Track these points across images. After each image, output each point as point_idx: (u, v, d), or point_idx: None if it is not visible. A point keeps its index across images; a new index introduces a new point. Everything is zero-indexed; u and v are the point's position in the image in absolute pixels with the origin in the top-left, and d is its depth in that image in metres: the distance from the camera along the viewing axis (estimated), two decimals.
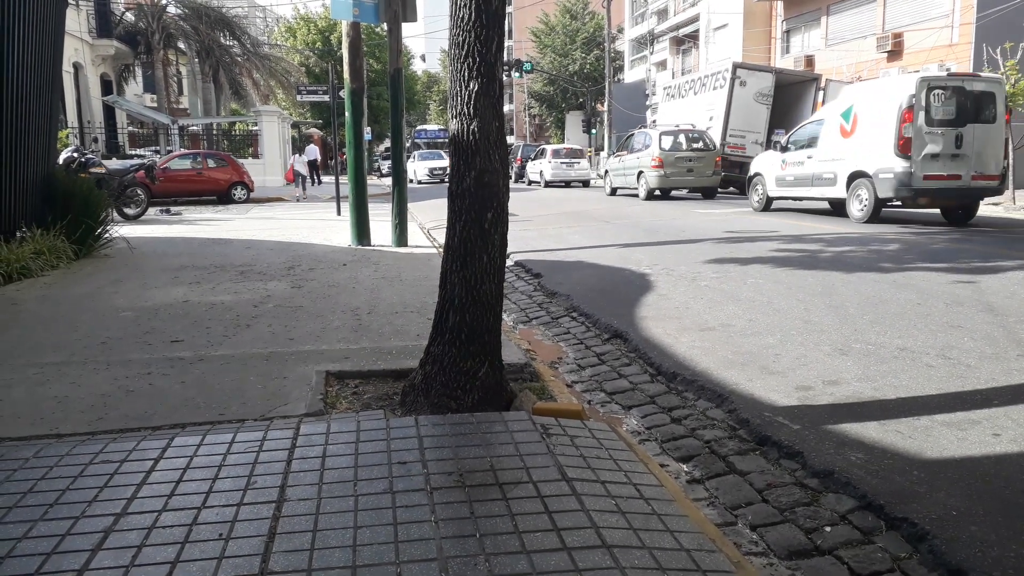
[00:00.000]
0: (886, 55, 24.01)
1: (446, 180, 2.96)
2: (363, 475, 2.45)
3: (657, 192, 18.91)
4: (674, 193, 19.93)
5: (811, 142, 13.16)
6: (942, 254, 8.05)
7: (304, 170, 23.62)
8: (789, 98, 20.57)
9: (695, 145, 18.76)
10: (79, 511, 2.24)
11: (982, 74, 13.01)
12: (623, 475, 2.55)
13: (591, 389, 3.99)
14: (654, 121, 29.47)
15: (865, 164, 11.66)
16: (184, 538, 2.06)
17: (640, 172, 18.98)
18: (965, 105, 11.08)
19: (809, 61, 27.26)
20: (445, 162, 30.25)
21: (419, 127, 46.47)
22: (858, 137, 12.02)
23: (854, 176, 11.92)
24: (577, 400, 3.61)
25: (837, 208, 13.12)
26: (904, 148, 11.02)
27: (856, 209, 11.93)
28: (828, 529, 2.41)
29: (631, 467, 2.64)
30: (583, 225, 12.37)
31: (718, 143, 19.89)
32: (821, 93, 20.04)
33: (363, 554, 1.97)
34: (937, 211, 12.20)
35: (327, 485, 2.38)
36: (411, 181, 30.20)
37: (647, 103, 37.99)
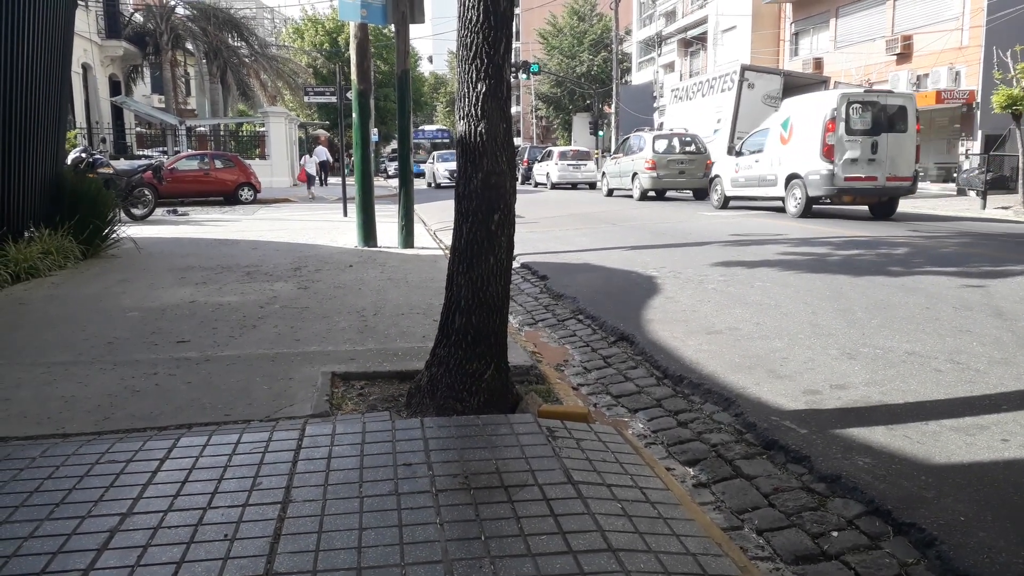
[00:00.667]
0: (895, 58, 23.94)
1: None
2: (368, 476, 2.44)
3: (651, 193, 19.70)
4: (670, 194, 20.55)
5: (758, 148, 14.91)
6: (951, 258, 8.02)
7: (313, 171, 23.99)
8: None
9: (687, 148, 19.63)
10: (85, 511, 2.24)
11: (895, 91, 15.37)
12: (629, 478, 2.54)
13: (597, 392, 3.98)
14: (661, 123, 29.46)
15: (798, 167, 13.44)
16: (190, 538, 2.06)
17: (635, 174, 19.83)
18: (880, 117, 12.97)
19: (818, 63, 27.19)
20: None
21: (419, 128, 46.11)
22: (793, 144, 13.78)
23: (790, 177, 13.71)
24: (583, 403, 3.61)
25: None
26: (828, 153, 12.86)
27: (792, 206, 13.72)
28: (835, 534, 2.39)
29: (637, 470, 2.63)
30: (589, 227, 12.37)
31: (726, 145, 19.90)
32: None
33: (368, 556, 1.96)
34: (865, 208, 13.92)
35: (332, 486, 2.38)
36: (430, 185, 29.81)
37: (655, 105, 37.94)
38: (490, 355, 3.16)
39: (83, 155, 12.83)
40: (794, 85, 20.65)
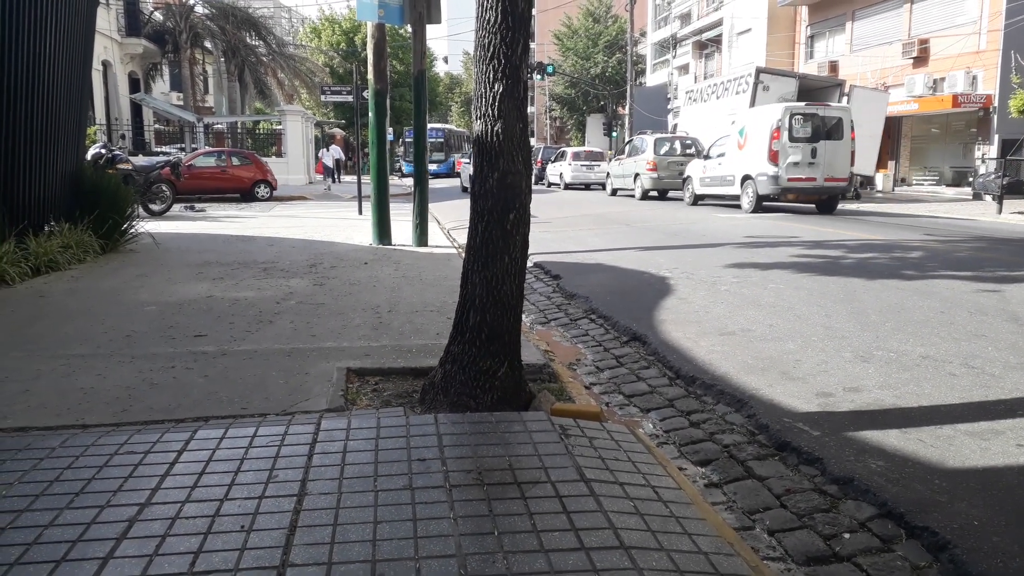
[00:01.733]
0: (911, 61, 23.75)
1: None
2: (383, 471, 2.47)
3: (652, 193, 20.56)
4: (672, 194, 20.88)
5: (722, 153, 16.76)
6: (966, 262, 7.96)
7: (331, 163, 24.33)
8: None
9: (687, 151, 20.47)
10: (104, 500, 2.28)
11: (832, 104, 17.39)
12: (641, 477, 2.55)
13: (609, 391, 3.99)
14: (675, 125, 29.37)
15: (750, 169, 15.40)
16: (207, 529, 2.09)
17: (636, 174, 20.71)
18: (820, 127, 15.07)
19: (833, 67, 27.01)
20: None
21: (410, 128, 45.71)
22: (747, 149, 15.75)
23: (744, 178, 15.64)
24: (595, 402, 3.62)
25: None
26: (774, 158, 14.86)
27: (745, 203, 15.57)
28: (847, 536, 2.39)
29: (649, 469, 2.64)
30: (603, 227, 12.36)
31: None
32: (845, 99, 19.85)
33: (383, 549, 1.98)
34: (812, 205, 15.96)
35: (347, 480, 2.40)
36: (465, 189, 29.26)
37: (669, 107, 37.80)
38: (504, 353, 3.17)
39: (102, 151, 12.97)
40: (809, 88, 20.51)
